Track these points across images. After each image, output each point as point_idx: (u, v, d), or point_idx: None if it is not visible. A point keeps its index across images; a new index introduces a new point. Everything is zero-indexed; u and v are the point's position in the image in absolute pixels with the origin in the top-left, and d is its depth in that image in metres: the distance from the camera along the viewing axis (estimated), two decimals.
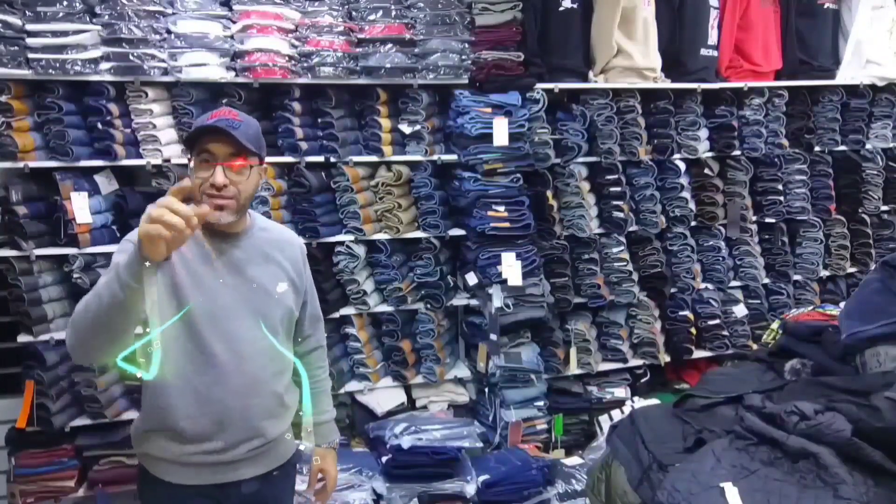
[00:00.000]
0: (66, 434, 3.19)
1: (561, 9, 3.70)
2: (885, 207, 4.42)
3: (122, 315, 1.44)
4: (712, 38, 3.96)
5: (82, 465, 3.20)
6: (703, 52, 3.94)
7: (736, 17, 4.01)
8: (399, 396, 3.74)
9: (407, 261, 3.73)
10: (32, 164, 3.06)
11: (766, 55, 4.08)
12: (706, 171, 4.07)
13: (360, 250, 3.57)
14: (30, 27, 2.98)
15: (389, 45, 3.45)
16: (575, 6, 3.72)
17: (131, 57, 3.10)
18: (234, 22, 3.26)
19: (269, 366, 1.84)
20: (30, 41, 2.99)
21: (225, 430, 1.77)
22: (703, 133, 4.03)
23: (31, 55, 2.99)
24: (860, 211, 4.39)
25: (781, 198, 4.19)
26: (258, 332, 1.80)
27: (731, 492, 1.48)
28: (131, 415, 3.21)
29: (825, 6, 4.20)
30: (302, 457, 2.10)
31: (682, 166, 4.00)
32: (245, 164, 1.70)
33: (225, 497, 1.83)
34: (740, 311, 4.21)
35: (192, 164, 1.71)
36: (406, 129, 3.62)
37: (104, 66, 3.09)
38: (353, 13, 3.45)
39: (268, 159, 3.37)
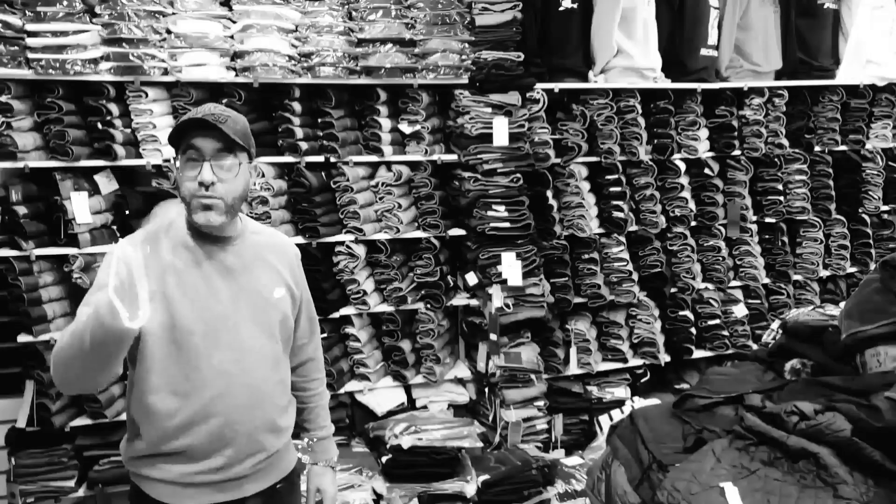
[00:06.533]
0: (66, 434, 3.20)
1: (561, 9, 3.71)
2: (885, 207, 4.43)
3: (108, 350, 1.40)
4: (712, 38, 3.96)
5: (82, 465, 3.20)
6: (703, 52, 3.94)
7: (736, 17, 4.02)
8: (399, 396, 3.74)
9: (407, 261, 3.73)
10: (32, 164, 3.07)
11: (766, 55, 4.09)
12: (706, 170, 4.07)
13: (360, 250, 3.57)
14: (30, 27, 2.99)
15: (389, 45, 3.46)
16: (575, 6, 3.72)
17: (131, 57, 3.10)
18: (234, 22, 3.26)
19: (271, 376, 1.76)
20: (30, 41, 2.99)
21: (229, 445, 1.67)
22: (703, 133, 4.04)
23: (31, 55, 3.00)
24: (860, 211, 4.39)
25: (781, 198, 4.20)
26: (258, 341, 1.73)
27: (731, 491, 1.49)
28: None
29: (825, 6, 4.20)
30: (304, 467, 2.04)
31: (682, 166, 4.00)
32: (234, 161, 1.64)
33: None
34: (740, 311, 4.22)
35: (177, 164, 1.64)
36: (406, 129, 3.63)
37: (104, 66, 3.10)
38: (353, 13, 3.46)
39: (268, 159, 3.43)
